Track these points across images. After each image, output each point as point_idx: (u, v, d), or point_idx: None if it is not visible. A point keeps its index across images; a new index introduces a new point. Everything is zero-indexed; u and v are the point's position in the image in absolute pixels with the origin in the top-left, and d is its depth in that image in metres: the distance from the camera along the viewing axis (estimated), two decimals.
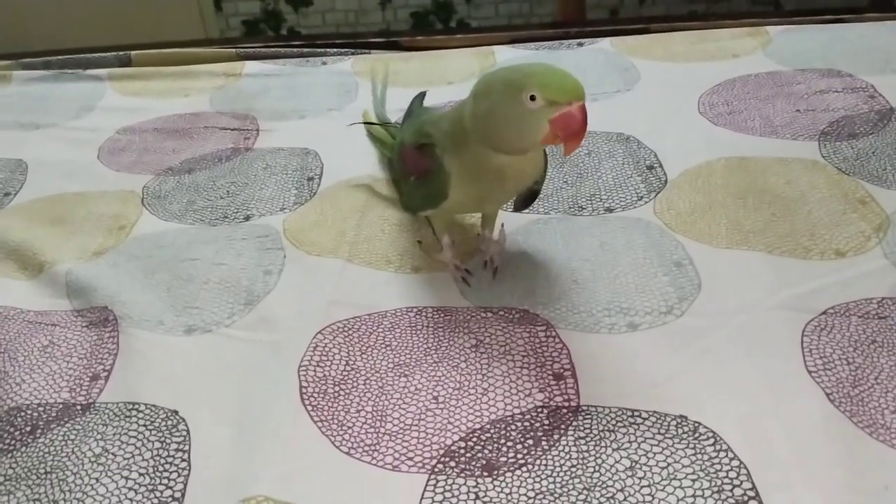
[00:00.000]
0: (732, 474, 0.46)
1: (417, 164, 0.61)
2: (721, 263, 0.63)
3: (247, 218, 0.76)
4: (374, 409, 0.54)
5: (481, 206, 0.65)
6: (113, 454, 0.52)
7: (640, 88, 0.92)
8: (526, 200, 0.67)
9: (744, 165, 0.75)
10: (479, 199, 0.62)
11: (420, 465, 0.49)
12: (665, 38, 1.05)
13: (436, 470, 0.49)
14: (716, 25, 1.07)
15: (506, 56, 1.06)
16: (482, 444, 0.50)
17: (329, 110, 0.95)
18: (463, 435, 0.51)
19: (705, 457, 0.48)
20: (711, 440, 0.49)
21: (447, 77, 1.01)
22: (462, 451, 0.50)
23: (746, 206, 0.69)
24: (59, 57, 1.17)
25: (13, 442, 0.54)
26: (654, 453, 0.48)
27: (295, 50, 1.15)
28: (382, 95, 0.87)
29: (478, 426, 0.52)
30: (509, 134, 0.53)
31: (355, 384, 0.56)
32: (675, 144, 0.80)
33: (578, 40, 1.08)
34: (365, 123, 0.87)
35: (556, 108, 0.51)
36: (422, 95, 0.78)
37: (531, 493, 0.47)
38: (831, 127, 0.80)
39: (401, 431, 0.52)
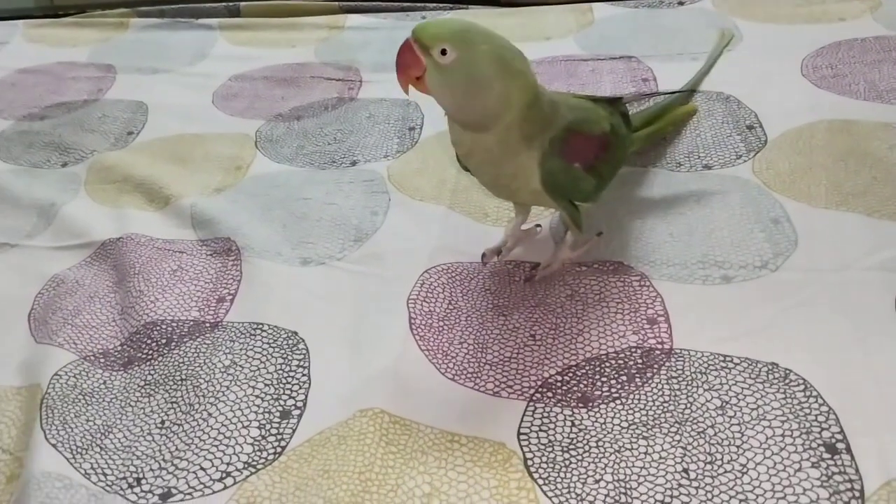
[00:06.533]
0: (822, 418, 0.48)
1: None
2: (819, 222, 0.64)
3: (353, 163, 0.81)
4: (476, 342, 0.57)
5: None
6: (241, 366, 0.57)
7: (742, 49, 0.92)
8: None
9: (846, 128, 0.75)
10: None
11: (519, 392, 0.53)
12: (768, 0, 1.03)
13: (534, 398, 0.53)
14: None
15: (604, 13, 1.06)
16: (577, 378, 0.54)
17: None
18: (559, 369, 0.54)
19: (795, 401, 0.50)
20: (802, 386, 0.51)
21: (545, 33, 1.03)
22: (559, 384, 0.53)
23: (847, 169, 0.69)
24: (173, 6, 1.24)
25: (151, 352, 0.60)
26: (745, 395, 0.51)
27: (395, 4, 1.18)
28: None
29: (573, 363, 0.55)
30: None
31: (458, 320, 0.60)
32: (776, 105, 0.79)
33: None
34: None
35: None
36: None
37: (624, 424, 0.50)
38: None
39: (501, 363, 0.55)
